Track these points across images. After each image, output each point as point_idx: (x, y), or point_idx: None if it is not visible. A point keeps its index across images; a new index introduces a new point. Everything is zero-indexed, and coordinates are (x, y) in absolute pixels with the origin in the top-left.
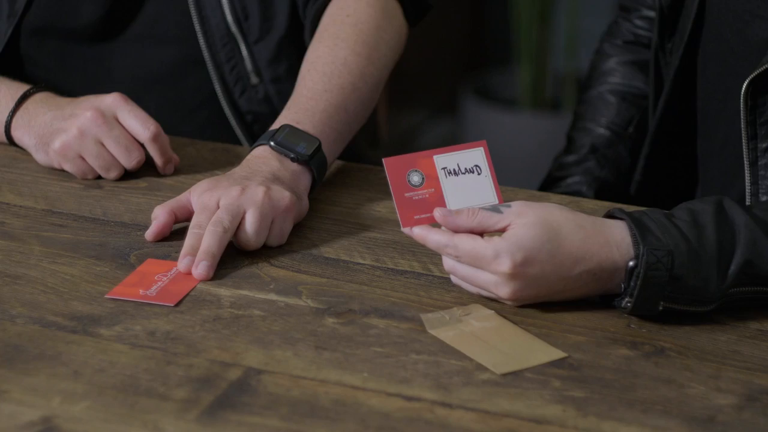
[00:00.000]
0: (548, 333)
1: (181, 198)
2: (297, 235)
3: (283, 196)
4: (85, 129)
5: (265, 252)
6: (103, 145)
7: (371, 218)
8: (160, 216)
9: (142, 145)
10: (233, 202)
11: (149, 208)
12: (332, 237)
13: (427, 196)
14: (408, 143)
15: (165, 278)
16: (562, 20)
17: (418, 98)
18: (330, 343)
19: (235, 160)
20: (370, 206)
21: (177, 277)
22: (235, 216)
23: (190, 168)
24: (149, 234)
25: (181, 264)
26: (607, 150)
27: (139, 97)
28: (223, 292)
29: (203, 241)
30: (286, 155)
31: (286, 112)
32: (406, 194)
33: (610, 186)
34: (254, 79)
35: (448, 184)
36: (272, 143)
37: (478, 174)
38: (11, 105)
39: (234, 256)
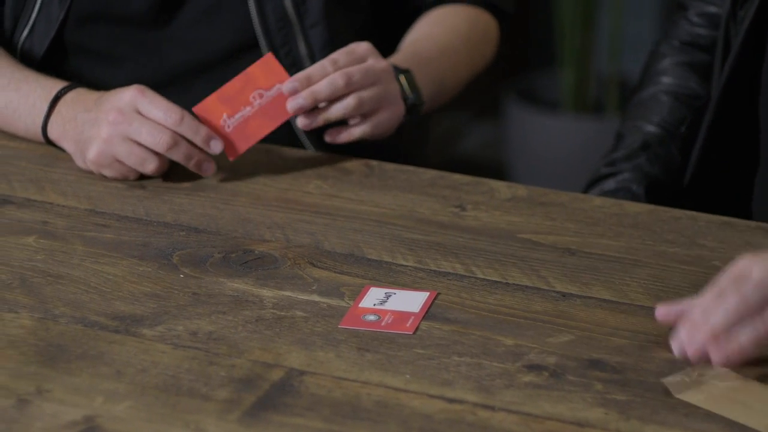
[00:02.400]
0: (591, 336)
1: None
2: (339, 237)
3: (400, 103)
4: (110, 133)
5: (308, 253)
6: (132, 141)
7: (414, 219)
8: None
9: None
10: (374, 67)
11: (192, 208)
12: (375, 238)
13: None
14: (450, 145)
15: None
16: (605, 22)
17: (460, 100)
18: (372, 344)
19: (278, 161)
20: (412, 207)
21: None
22: (367, 86)
23: (232, 170)
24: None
25: (288, 85)
26: (659, 148)
27: (191, 83)
28: (266, 293)
29: (321, 84)
30: (402, 91)
31: (402, 57)
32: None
33: (660, 184)
34: (308, 64)
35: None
36: (401, 76)
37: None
38: (45, 108)
39: (276, 257)
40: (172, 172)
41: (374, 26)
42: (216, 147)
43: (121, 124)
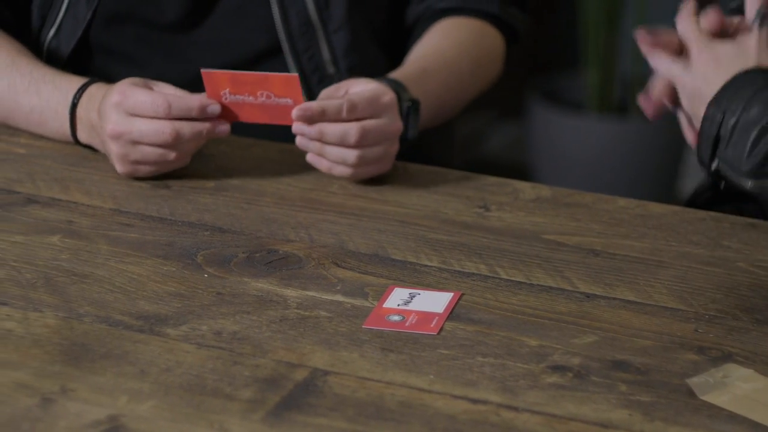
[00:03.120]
0: (615, 337)
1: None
2: (364, 237)
3: (392, 161)
4: (119, 148)
5: (332, 253)
6: (141, 143)
7: (438, 220)
8: (322, 94)
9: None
10: (387, 129)
11: (216, 207)
12: (399, 238)
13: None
14: (473, 146)
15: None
16: (630, 23)
17: (484, 100)
18: (396, 344)
19: (303, 161)
20: (437, 208)
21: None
22: (374, 145)
23: (256, 169)
24: (297, 110)
25: (298, 112)
26: None
27: None
28: (290, 293)
29: (333, 129)
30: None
31: (413, 76)
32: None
33: None
34: (331, 69)
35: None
36: (403, 106)
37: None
38: (67, 115)
39: (300, 257)
40: (195, 172)
41: (390, 28)
42: (214, 110)
43: (122, 135)
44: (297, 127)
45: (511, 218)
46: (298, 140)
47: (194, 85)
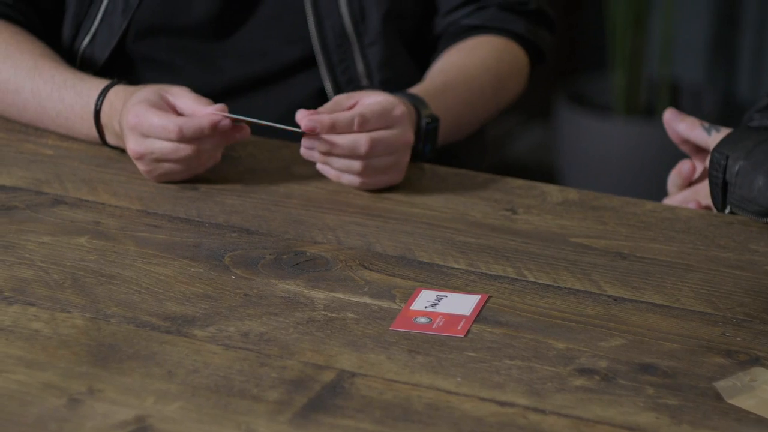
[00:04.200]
0: (642, 340)
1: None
2: (391, 239)
3: (402, 173)
4: (146, 165)
5: (359, 255)
6: (165, 160)
7: (465, 222)
8: (329, 104)
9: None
10: (397, 142)
11: (244, 209)
12: (426, 241)
13: None
14: (500, 148)
15: None
16: (656, 25)
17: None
18: (423, 346)
19: None
20: (464, 211)
21: None
22: (383, 155)
23: (283, 171)
24: (304, 117)
25: (309, 123)
26: None
27: (249, 96)
28: (317, 294)
29: (344, 140)
30: (417, 140)
31: (434, 92)
32: None
33: None
34: (364, 82)
35: None
36: (421, 122)
37: None
38: (93, 122)
39: (327, 259)
40: (223, 174)
41: (421, 40)
42: (225, 125)
43: (144, 156)
44: (306, 141)
45: (538, 221)
46: (302, 150)
47: (227, 93)
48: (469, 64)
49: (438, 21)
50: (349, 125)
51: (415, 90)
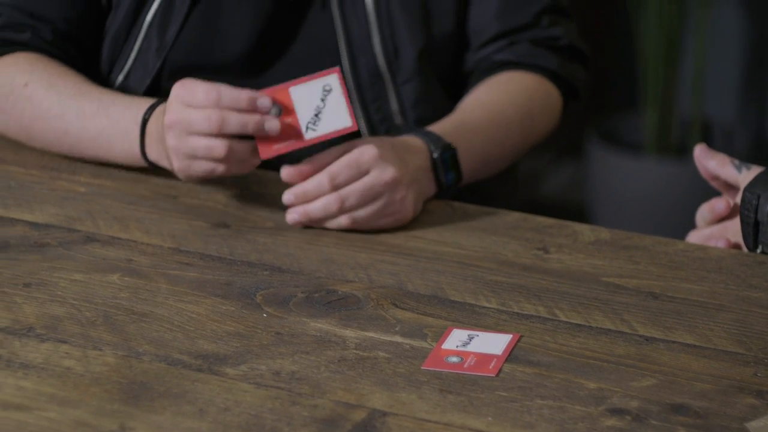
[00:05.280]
0: (674, 380)
1: (330, 155)
2: (423, 278)
3: (408, 209)
4: (171, 143)
5: (391, 294)
6: (193, 133)
7: (497, 261)
8: (305, 168)
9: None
10: (375, 187)
11: (276, 247)
12: (458, 280)
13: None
14: (532, 186)
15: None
16: (688, 64)
17: (543, 141)
18: (455, 386)
19: None
20: (496, 250)
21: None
22: (361, 203)
23: None
24: (287, 174)
25: (288, 173)
26: None
27: None
28: (349, 333)
29: (315, 206)
30: (435, 172)
31: (450, 128)
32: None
33: None
34: (398, 120)
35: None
36: (434, 152)
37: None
38: (137, 133)
39: (359, 298)
40: (255, 212)
41: (457, 76)
42: (264, 102)
43: (176, 124)
44: (288, 216)
45: (570, 260)
46: (288, 218)
47: None
48: (496, 100)
49: (469, 56)
50: (320, 188)
51: (430, 127)
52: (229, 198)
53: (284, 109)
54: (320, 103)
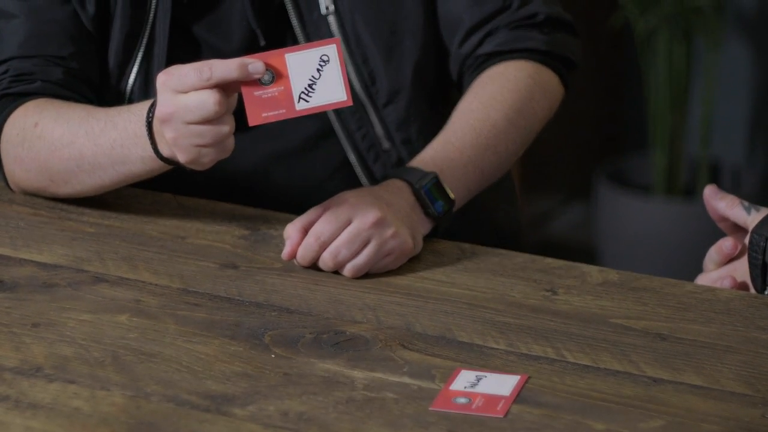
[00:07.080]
0: (681, 422)
1: (311, 215)
2: (431, 319)
3: (405, 241)
4: (170, 136)
5: (399, 335)
6: (191, 122)
7: (505, 303)
8: (293, 236)
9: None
10: (360, 232)
11: (284, 288)
12: (466, 321)
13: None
14: (539, 227)
15: None
16: (697, 105)
17: (551, 182)
18: (463, 427)
19: None
20: (504, 291)
21: None
22: (354, 251)
23: None
24: (285, 254)
25: (285, 252)
26: None
27: (269, 172)
28: (357, 374)
29: (306, 258)
30: (423, 205)
31: (432, 153)
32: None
33: None
34: (386, 144)
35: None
36: (416, 187)
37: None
38: (146, 134)
39: (367, 339)
40: (263, 253)
41: (448, 86)
42: (256, 67)
43: (171, 116)
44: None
45: (578, 302)
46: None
47: (253, 171)
48: (479, 106)
49: (452, 60)
50: (309, 250)
51: (413, 160)
52: (237, 239)
53: (277, 76)
54: (316, 73)
